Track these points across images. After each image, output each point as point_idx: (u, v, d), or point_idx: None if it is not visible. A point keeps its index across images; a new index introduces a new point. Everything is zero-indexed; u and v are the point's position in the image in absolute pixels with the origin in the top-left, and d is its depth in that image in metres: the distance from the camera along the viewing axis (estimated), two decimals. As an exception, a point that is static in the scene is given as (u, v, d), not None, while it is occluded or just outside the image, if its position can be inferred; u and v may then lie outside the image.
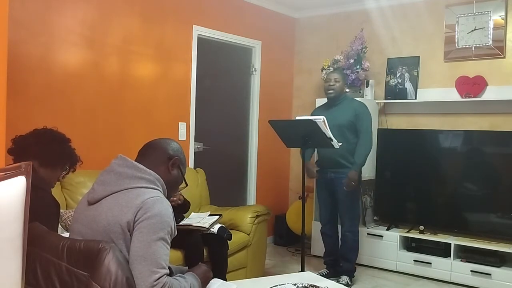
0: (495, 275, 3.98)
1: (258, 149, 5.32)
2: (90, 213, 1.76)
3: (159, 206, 1.70)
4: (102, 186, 1.78)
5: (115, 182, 1.76)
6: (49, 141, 2.34)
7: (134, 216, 1.66)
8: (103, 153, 3.65)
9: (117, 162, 1.84)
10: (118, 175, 1.78)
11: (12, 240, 1.34)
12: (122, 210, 1.68)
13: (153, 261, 1.63)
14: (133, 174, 1.77)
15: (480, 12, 4.47)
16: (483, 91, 4.42)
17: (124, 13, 3.98)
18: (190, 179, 4.21)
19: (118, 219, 1.67)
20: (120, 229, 1.67)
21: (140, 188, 1.74)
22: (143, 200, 1.69)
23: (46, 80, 3.50)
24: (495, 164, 4.36)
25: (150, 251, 1.64)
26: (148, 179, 1.78)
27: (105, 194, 1.75)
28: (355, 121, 3.98)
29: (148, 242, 1.64)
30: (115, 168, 1.81)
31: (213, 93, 4.88)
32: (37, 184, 1.76)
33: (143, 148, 1.94)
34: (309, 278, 2.48)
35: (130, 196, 1.72)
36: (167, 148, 1.92)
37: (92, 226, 1.73)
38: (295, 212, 5.00)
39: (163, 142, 1.95)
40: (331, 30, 5.45)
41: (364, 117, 4.01)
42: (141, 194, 1.72)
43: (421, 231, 4.48)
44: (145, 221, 1.66)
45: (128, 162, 1.81)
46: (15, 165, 1.37)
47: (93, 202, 1.77)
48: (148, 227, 1.65)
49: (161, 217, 1.69)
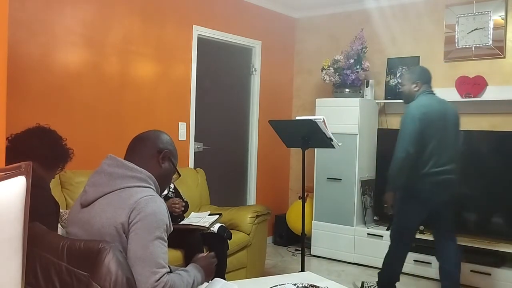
0: (495, 275, 3.98)
1: (258, 149, 5.32)
2: (84, 216, 1.75)
3: (152, 205, 1.69)
4: (94, 188, 1.77)
5: (107, 183, 1.75)
6: (49, 142, 2.34)
7: (128, 218, 1.65)
8: (103, 153, 3.61)
9: (107, 162, 1.82)
10: (109, 176, 1.76)
11: (12, 240, 1.34)
12: (116, 212, 1.67)
13: (152, 261, 1.63)
14: (124, 173, 1.76)
15: (480, 12, 4.47)
16: (483, 91, 4.42)
17: (124, 13, 3.98)
18: (190, 179, 4.24)
19: (112, 221, 1.66)
20: (115, 231, 1.66)
21: (132, 187, 1.73)
22: (135, 200, 1.67)
23: (46, 80, 3.50)
24: (495, 164, 4.35)
25: (148, 252, 1.63)
26: (140, 177, 1.77)
27: (97, 195, 1.74)
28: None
29: (145, 243, 1.63)
30: (106, 169, 1.79)
31: (213, 93, 4.88)
32: (36, 182, 1.76)
33: (132, 142, 1.90)
34: (309, 278, 2.48)
35: (122, 196, 1.70)
36: (156, 141, 1.88)
37: (87, 228, 1.72)
38: (295, 212, 5.00)
39: (152, 135, 1.90)
40: (331, 30, 5.45)
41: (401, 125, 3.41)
42: (134, 194, 1.70)
43: (421, 231, 4.48)
44: (139, 222, 1.64)
45: (118, 162, 1.79)
46: (15, 165, 1.37)
47: (86, 205, 1.76)
48: (143, 227, 1.64)
49: (155, 215, 1.67)
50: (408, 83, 3.54)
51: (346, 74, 4.86)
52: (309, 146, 3.75)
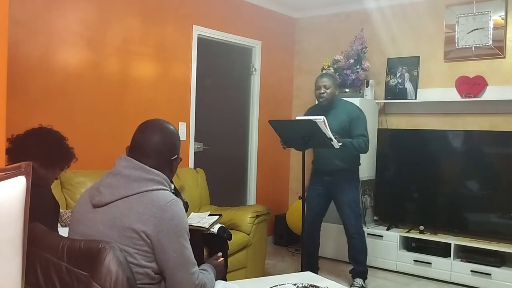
0: (495, 275, 3.98)
1: (258, 149, 5.32)
2: (97, 216, 1.73)
3: (177, 209, 1.72)
4: (110, 189, 1.75)
5: (124, 186, 1.73)
6: (48, 142, 2.34)
7: (156, 226, 1.66)
8: (103, 153, 3.66)
9: (122, 164, 1.79)
10: (126, 178, 1.74)
11: (12, 240, 1.34)
12: (140, 218, 1.67)
13: (189, 263, 1.73)
14: (142, 176, 1.75)
15: (480, 12, 4.47)
16: (483, 91, 4.42)
17: (124, 13, 3.98)
18: (190, 179, 4.24)
19: (135, 226, 1.66)
20: (137, 235, 1.66)
21: (152, 191, 1.73)
22: (161, 208, 1.68)
23: (46, 80, 3.50)
24: (495, 164, 4.36)
25: (185, 257, 1.71)
26: (157, 180, 1.77)
27: (115, 198, 1.72)
28: (348, 126, 3.85)
29: (181, 250, 1.70)
30: (122, 171, 1.77)
31: (213, 93, 4.88)
32: (36, 182, 1.76)
33: (140, 138, 1.86)
34: (309, 278, 2.48)
35: (145, 201, 1.70)
36: (168, 146, 1.87)
37: (99, 228, 1.70)
38: (295, 212, 5.00)
39: (163, 143, 1.86)
40: (331, 30, 5.45)
41: (358, 121, 3.86)
42: (155, 199, 1.71)
43: (421, 231, 4.48)
44: (171, 230, 1.68)
45: (135, 164, 1.78)
46: (15, 165, 1.37)
47: (100, 205, 1.75)
48: (174, 234, 1.69)
49: (181, 219, 1.72)
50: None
51: (346, 74, 4.86)
52: (309, 147, 3.75)
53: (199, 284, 1.74)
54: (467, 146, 4.52)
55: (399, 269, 4.47)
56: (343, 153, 3.82)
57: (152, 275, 1.69)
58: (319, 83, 3.94)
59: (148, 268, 1.68)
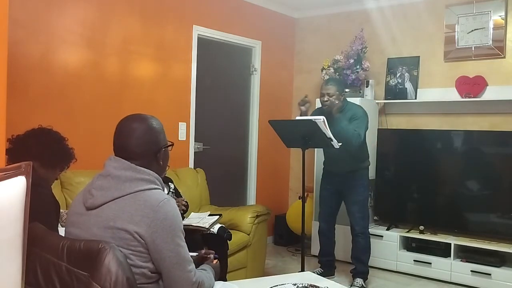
0: (495, 275, 3.98)
1: (258, 149, 5.32)
2: (91, 219, 1.73)
3: (169, 209, 1.71)
4: (102, 192, 1.74)
5: (115, 187, 1.73)
6: (48, 142, 2.34)
7: (149, 227, 1.66)
8: (103, 153, 3.61)
9: (112, 164, 1.79)
10: (117, 179, 1.74)
11: (12, 240, 1.34)
12: (133, 219, 1.66)
13: (185, 261, 1.72)
14: (133, 176, 1.74)
15: (480, 12, 4.47)
16: (483, 91, 4.42)
17: (124, 13, 3.98)
18: (190, 179, 4.24)
19: (128, 227, 1.65)
20: (131, 236, 1.65)
21: (144, 191, 1.72)
22: (153, 208, 1.67)
23: (46, 80, 3.50)
24: (495, 164, 4.36)
25: (180, 255, 1.71)
26: (148, 179, 1.76)
27: (107, 200, 1.72)
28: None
29: (176, 249, 1.70)
30: (112, 172, 1.76)
31: (213, 93, 4.88)
32: (36, 182, 1.76)
33: (124, 150, 1.82)
34: (309, 278, 2.48)
35: (136, 202, 1.69)
36: (152, 139, 1.84)
37: (93, 231, 1.70)
38: (295, 212, 5.00)
39: (145, 133, 1.84)
40: (331, 30, 5.45)
41: (357, 118, 3.86)
42: (148, 199, 1.70)
43: (421, 231, 4.48)
44: (165, 231, 1.67)
45: (125, 164, 1.77)
46: (15, 165, 1.37)
47: (93, 208, 1.74)
48: (169, 234, 1.68)
49: (174, 219, 1.71)
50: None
51: (346, 74, 4.86)
52: (309, 146, 3.75)
53: (197, 282, 1.73)
54: (467, 146, 4.52)
55: (399, 269, 4.47)
56: (352, 155, 3.87)
57: (149, 275, 1.69)
58: (323, 90, 3.93)
59: (145, 268, 1.67)
